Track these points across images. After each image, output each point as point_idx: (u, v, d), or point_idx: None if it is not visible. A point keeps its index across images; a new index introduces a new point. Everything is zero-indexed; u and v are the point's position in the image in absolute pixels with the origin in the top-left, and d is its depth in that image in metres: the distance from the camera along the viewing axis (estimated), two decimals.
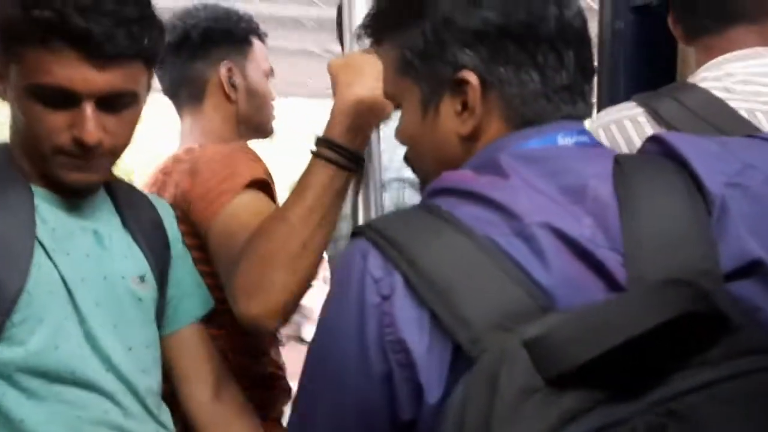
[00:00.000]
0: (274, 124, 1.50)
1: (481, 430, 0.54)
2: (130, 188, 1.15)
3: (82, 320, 0.98)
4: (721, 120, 1.01)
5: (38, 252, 0.95)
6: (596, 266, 0.63)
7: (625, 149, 1.06)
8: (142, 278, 1.05)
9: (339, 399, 0.66)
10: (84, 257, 1.01)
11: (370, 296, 0.64)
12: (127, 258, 1.05)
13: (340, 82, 1.03)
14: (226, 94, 1.40)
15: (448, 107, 0.75)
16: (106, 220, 1.06)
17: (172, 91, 1.45)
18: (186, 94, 1.43)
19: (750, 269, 0.64)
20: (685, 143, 0.71)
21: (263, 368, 1.34)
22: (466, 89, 0.73)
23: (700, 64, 1.14)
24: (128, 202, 1.10)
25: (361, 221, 1.07)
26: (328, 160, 1.03)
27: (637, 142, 1.05)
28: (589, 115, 0.78)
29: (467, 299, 0.60)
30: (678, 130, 1.01)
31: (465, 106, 0.74)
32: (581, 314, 0.57)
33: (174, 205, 1.21)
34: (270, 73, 1.49)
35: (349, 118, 1.02)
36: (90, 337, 0.98)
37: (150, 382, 1.04)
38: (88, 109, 0.93)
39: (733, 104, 1.03)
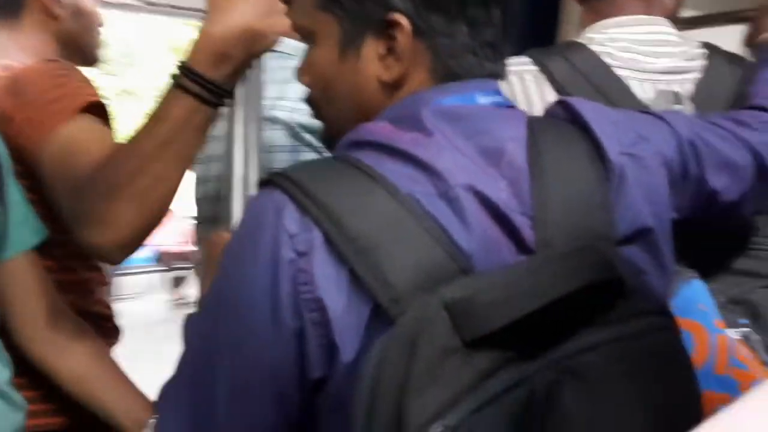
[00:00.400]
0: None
1: (398, 390, 0.53)
2: None
3: None
4: (607, 85, 1.03)
5: None
6: (510, 230, 0.64)
7: (522, 103, 1.04)
8: None
9: (243, 356, 0.63)
10: None
11: (285, 252, 0.61)
12: None
13: (218, 2, 0.92)
14: (48, 9, 1.25)
15: (371, 50, 0.71)
16: None
17: None
18: (1, 5, 1.25)
19: (640, 235, 0.68)
20: (588, 110, 0.73)
21: (90, 306, 1.24)
22: (394, 33, 0.69)
23: (585, 24, 1.15)
24: None
25: (238, 162, 0.98)
26: (188, 91, 0.91)
27: (535, 98, 1.04)
28: (505, 75, 0.76)
29: (389, 259, 0.59)
30: (568, 91, 1.02)
31: (390, 50, 0.70)
32: (499, 278, 0.58)
33: None
34: None
35: (221, 46, 0.91)
36: None
37: None
38: None
39: (615, 71, 1.06)
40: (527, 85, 1.06)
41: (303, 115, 0.93)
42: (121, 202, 0.90)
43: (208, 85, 0.91)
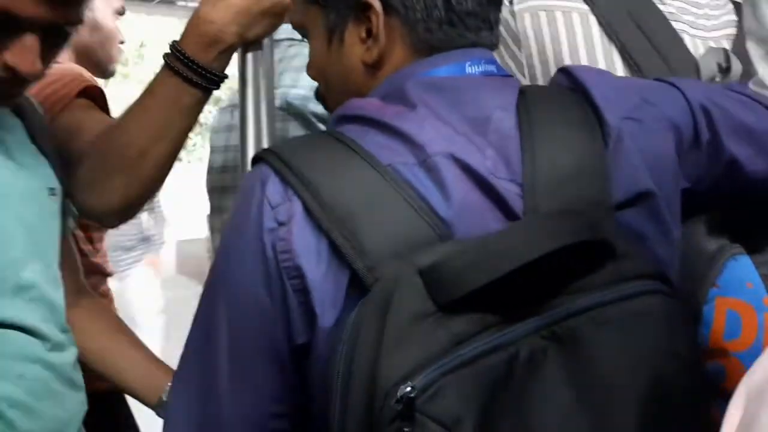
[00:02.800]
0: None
1: (371, 354, 0.54)
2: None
3: None
4: (666, 42, 0.95)
5: None
6: (495, 197, 0.63)
7: (565, 44, 0.98)
8: (52, 191, 0.94)
9: (239, 324, 0.65)
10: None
11: (267, 222, 0.63)
12: (38, 171, 0.93)
13: None
14: None
15: (353, 35, 0.73)
16: (12, 130, 0.91)
17: None
18: None
19: (639, 199, 0.66)
20: (591, 76, 0.72)
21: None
22: (370, 15, 0.71)
23: None
24: (24, 110, 0.96)
25: (250, 152, 0.96)
26: (176, 73, 0.92)
27: (564, 41, 0.97)
28: (496, 43, 0.76)
29: (366, 228, 0.60)
30: (613, 28, 0.95)
31: (368, 32, 0.72)
32: (475, 242, 0.58)
33: None
34: (120, 11, 1.46)
35: (212, 29, 0.91)
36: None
37: (62, 300, 0.94)
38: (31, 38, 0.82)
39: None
40: (556, 22, 0.98)
41: (316, 104, 0.91)
42: (111, 172, 0.95)
43: (197, 67, 0.92)
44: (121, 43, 1.47)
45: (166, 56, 0.94)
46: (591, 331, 0.57)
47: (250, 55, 0.96)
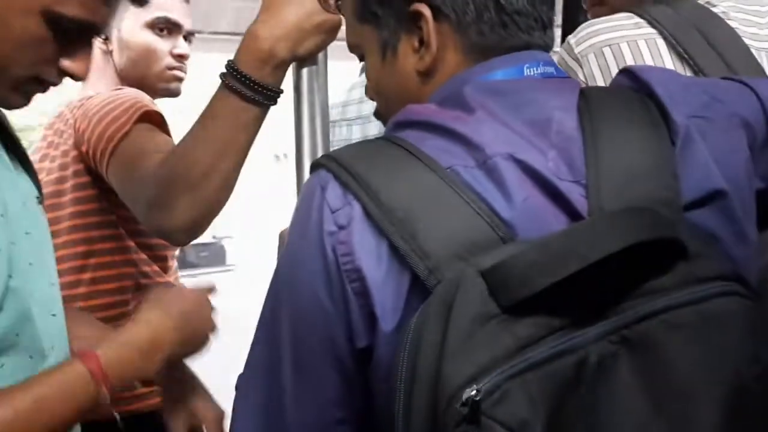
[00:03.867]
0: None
1: (435, 357, 0.54)
2: None
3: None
4: (737, 57, 0.93)
5: None
6: (558, 199, 0.63)
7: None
8: (39, 199, 0.91)
9: (302, 329, 0.65)
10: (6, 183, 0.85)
11: (327, 226, 0.64)
12: (22, 179, 0.90)
13: (267, 2, 0.95)
14: (103, 46, 1.38)
15: (406, 46, 0.73)
16: None
17: None
18: None
19: (710, 199, 0.64)
20: (655, 75, 0.71)
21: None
22: (420, 24, 0.71)
23: None
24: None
25: (306, 160, 0.99)
26: (234, 91, 0.94)
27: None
28: (551, 44, 0.75)
29: (426, 230, 0.60)
30: (683, 47, 0.93)
31: (421, 41, 0.71)
32: (539, 242, 0.57)
33: (74, 146, 1.26)
34: (160, 24, 1.39)
35: (266, 45, 0.93)
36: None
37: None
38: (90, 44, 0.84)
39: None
40: (642, 54, 0.96)
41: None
42: (177, 192, 0.97)
43: (253, 84, 0.94)
44: (181, 57, 1.41)
45: (222, 75, 0.96)
46: (664, 335, 0.56)
47: (305, 70, 0.97)
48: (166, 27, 1.40)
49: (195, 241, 1.15)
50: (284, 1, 0.94)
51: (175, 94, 1.45)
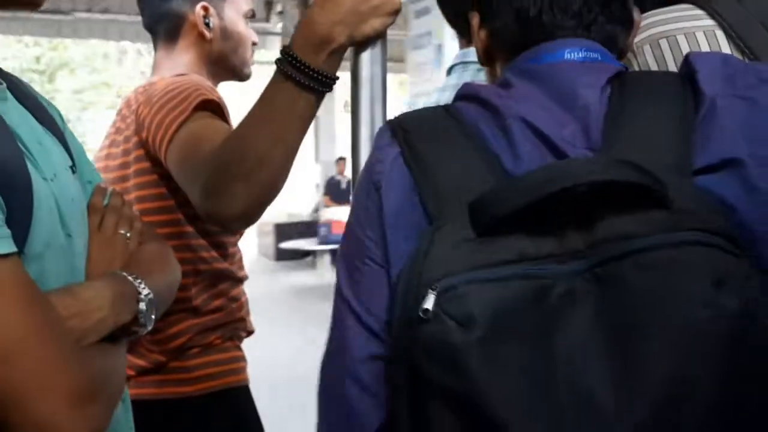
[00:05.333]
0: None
1: (419, 267, 0.65)
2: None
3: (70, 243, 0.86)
4: None
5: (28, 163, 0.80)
6: (563, 158, 0.70)
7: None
8: (72, 168, 0.92)
9: (354, 255, 0.75)
10: (49, 155, 0.86)
11: (374, 164, 0.76)
12: (57, 150, 0.90)
13: None
14: (201, 33, 1.41)
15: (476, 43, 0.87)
16: (23, 116, 0.88)
17: (151, 26, 1.45)
18: (163, 30, 1.44)
19: (723, 166, 0.66)
20: (705, 58, 0.74)
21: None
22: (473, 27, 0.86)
23: None
24: (25, 95, 0.92)
25: (364, 146, 0.99)
26: (289, 77, 0.94)
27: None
28: (599, 37, 0.79)
29: (443, 176, 0.71)
30: (745, 42, 0.89)
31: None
32: (516, 177, 0.68)
33: (135, 132, 1.28)
34: (250, 14, 1.49)
35: (322, 30, 0.92)
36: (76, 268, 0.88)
37: None
38: None
39: None
40: (699, 46, 0.93)
41: None
42: (232, 179, 0.98)
43: (308, 70, 0.93)
44: (254, 44, 1.50)
45: (278, 61, 0.95)
46: (633, 275, 0.60)
47: (364, 55, 0.96)
48: (251, 16, 1.50)
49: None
50: None
51: (250, 77, 1.52)
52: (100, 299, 0.82)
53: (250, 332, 1.48)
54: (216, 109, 1.22)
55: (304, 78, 0.94)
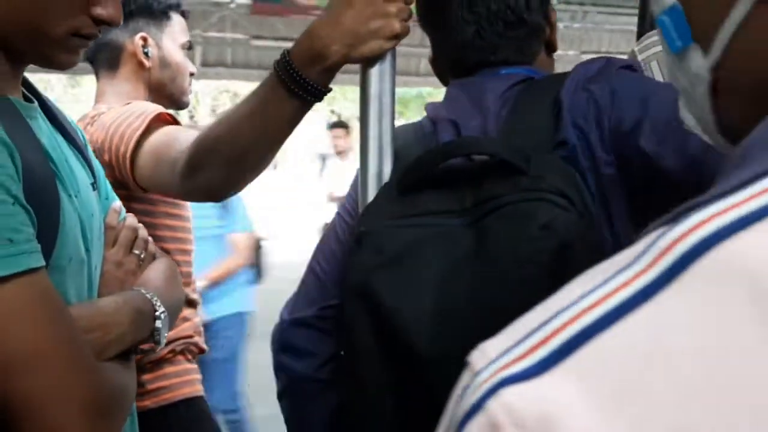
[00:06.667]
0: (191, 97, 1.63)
1: (359, 221, 0.94)
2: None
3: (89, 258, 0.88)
4: None
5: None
6: None
7: None
8: (93, 186, 0.95)
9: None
10: (73, 172, 0.88)
11: None
12: (81, 167, 0.94)
13: (332, 2, 0.97)
14: (140, 62, 1.49)
15: None
16: (52, 134, 0.90)
17: (91, 55, 1.52)
18: (103, 59, 1.52)
19: (560, 145, 0.90)
20: (582, 65, 0.97)
21: None
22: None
23: None
24: (53, 113, 0.95)
25: (372, 159, 1.05)
26: (280, 80, 0.96)
27: None
28: (507, 56, 1.03)
29: (403, 161, 0.96)
30: None
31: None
32: (430, 149, 0.95)
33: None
34: (187, 46, 1.58)
35: (319, 44, 0.94)
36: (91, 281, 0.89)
37: None
38: None
39: None
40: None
41: None
42: (215, 162, 1.05)
43: (300, 80, 0.95)
44: (191, 75, 1.57)
45: (276, 63, 0.97)
46: (495, 224, 0.82)
47: (373, 71, 0.98)
48: (188, 48, 1.59)
49: None
50: (346, 3, 0.94)
51: (187, 105, 1.61)
52: (121, 315, 0.85)
53: (201, 350, 1.52)
54: (172, 121, 1.29)
55: (295, 86, 0.96)
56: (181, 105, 1.58)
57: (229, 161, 1.05)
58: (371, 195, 0.97)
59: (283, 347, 1.06)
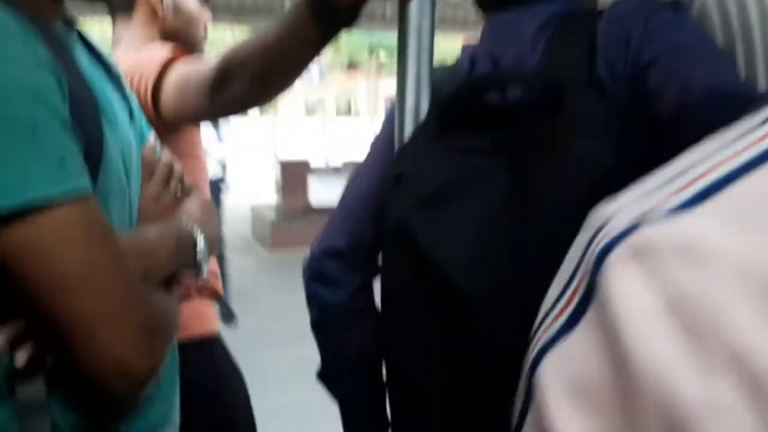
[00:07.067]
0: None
1: (395, 160, 0.95)
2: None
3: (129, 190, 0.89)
4: None
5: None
6: None
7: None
8: (130, 117, 0.95)
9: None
10: (111, 103, 0.87)
11: None
12: (119, 99, 0.93)
13: None
14: (154, 9, 1.50)
15: None
16: (91, 63, 0.90)
17: None
18: (119, 4, 1.52)
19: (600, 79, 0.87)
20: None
21: None
22: None
23: None
24: (90, 43, 0.95)
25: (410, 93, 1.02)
26: (308, 4, 0.98)
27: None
28: None
29: (445, 87, 0.96)
30: None
31: None
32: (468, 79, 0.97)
33: None
34: None
35: None
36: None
37: None
38: None
39: None
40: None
41: None
42: (247, 72, 1.09)
43: (327, 4, 0.96)
44: (206, 24, 1.58)
45: None
46: (531, 161, 0.82)
47: (412, 4, 0.96)
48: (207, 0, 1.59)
49: None
50: None
51: (202, 54, 1.60)
52: (164, 244, 0.86)
53: (217, 293, 1.51)
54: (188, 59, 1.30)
55: (321, 11, 0.97)
56: (194, 53, 1.56)
57: (254, 77, 1.08)
58: (408, 132, 0.95)
59: (314, 276, 1.08)
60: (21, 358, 0.72)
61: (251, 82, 1.09)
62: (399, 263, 0.88)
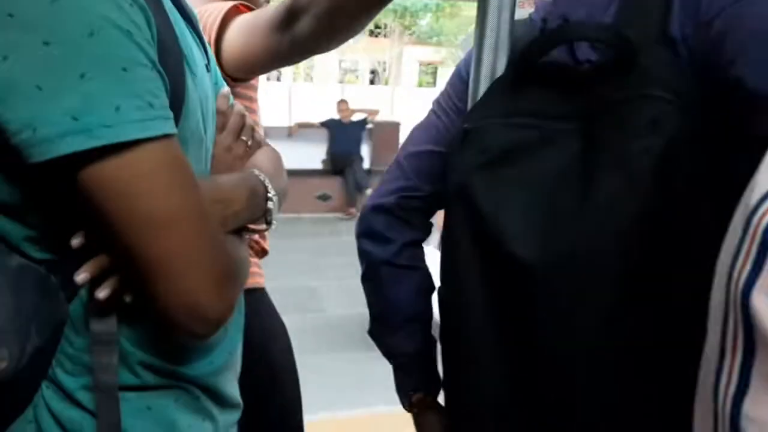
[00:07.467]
0: None
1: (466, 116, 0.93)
2: None
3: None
4: None
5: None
6: None
7: None
8: (207, 68, 0.94)
9: None
10: (192, 51, 0.86)
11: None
12: (200, 50, 0.92)
13: None
14: None
15: None
16: (173, 11, 0.88)
17: None
18: None
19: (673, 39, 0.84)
20: None
21: None
22: None
23: None
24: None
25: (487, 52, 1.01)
26: None
27: None
28: None
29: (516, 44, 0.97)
30: None
31: None
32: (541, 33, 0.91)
33: None
34: None
35: None
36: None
37: None
38: None
39: None
40: None
41: None
42: (308, 11, 1.08)
43: None
44: None
45: None
46: (601, 125, 0.80)
47: None
48: None
49: None
50: None
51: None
52: (239, 192, 0.86)
53: (264, 250, 1.51)
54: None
55: None
56: (258, 6, 1.51)
57: (322, 14, 1.06)
58: (482, 90, 0.93)
59: (364, 232, 1.11)
60: (102, 293, 0.72)
61: (319, 19, 1.07)
62: (459, 223, 0.88)
